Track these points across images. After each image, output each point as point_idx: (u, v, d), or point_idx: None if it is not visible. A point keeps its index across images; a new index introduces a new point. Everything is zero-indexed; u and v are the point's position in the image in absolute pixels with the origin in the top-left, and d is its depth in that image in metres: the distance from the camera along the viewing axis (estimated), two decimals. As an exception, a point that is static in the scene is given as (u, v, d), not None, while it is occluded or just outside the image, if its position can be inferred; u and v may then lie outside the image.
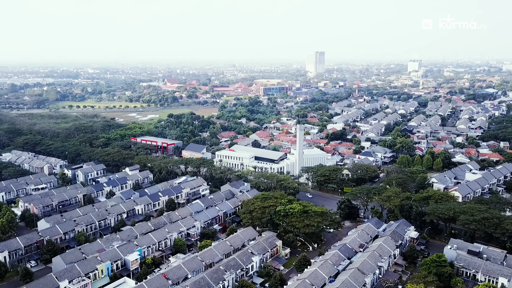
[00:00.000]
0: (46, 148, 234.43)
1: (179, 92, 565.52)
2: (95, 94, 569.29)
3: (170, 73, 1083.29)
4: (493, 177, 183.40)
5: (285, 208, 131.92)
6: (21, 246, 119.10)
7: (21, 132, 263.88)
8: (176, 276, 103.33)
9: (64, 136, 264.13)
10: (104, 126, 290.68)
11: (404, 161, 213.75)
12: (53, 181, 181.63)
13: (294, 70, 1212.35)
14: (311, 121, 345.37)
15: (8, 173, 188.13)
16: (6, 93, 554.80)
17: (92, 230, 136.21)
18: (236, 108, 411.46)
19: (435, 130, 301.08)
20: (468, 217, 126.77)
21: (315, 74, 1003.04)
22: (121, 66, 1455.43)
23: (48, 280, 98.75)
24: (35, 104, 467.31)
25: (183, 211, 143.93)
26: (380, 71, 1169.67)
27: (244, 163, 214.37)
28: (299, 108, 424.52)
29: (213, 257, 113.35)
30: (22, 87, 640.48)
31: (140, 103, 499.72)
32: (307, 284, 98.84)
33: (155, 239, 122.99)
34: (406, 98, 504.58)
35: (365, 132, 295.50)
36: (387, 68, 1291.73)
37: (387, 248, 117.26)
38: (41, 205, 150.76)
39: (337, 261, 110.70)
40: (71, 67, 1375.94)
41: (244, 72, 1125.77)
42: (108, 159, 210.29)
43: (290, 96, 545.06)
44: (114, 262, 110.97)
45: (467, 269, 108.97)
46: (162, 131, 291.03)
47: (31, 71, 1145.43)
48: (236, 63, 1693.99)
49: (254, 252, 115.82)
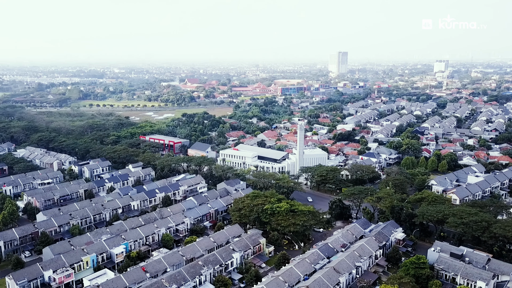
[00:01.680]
0: (59, 145, 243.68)
1: (198, 92, 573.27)
2: (116, 93, 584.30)
3: (193, 73, 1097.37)
4: (496, 180, 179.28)
5: (272, 207, 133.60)
6: (17, 237, 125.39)
7: (37, 129, 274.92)
8: (155, 269, 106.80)
9: (78, 134, 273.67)
10: (116, 125, 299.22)
11: (408, 163, 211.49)
12: (59, 176, 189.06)
13: (317, 70, 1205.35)
14: (323, 121, 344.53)
15: (19, 168, 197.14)
16: (32, 92, 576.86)
17: (87, 224, 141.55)
18: (250, 108, 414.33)
19: (447, 132, 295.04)
20: (456, 219, 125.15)
21: (337, 74, 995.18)
22: (147, 66, 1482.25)
23: (33, 269, 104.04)
24: (58, 102, 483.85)
25: (175, 208, 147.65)
26: (404, 71, 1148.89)
27: (246, 162, 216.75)
28: (313, 108, 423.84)
29: (194, 253, 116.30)
30: (48, 86, 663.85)
31: (158, 103, 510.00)
32: (280, 281, 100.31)
33: (143, 234, 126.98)
34: (425, 99, 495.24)
35: (375, 133, 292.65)
36: (413, 69, 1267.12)
37: (368, 248, 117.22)
38: (42, 199, 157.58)
39: (315, 260, 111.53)
40: (98, 66, 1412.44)
41: (266, 72, 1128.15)
42: (115, 156, 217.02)
43: (307, 96, 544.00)
44: (100, 254, 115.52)
45: (446, 272, 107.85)
46: (173, 130, 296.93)
47: (60, 70, 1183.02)
48: (260, 63, 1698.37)
49: (236, 248, 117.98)
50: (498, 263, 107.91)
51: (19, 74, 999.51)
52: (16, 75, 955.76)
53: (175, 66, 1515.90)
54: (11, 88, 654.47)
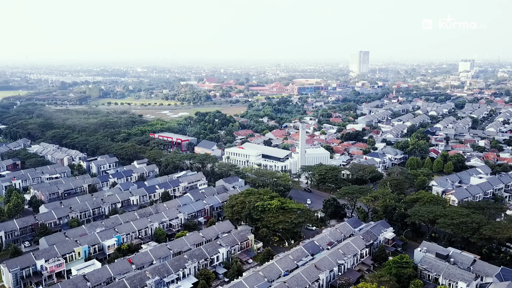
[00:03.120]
0: (71, 141, 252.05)
1: (214, 91, 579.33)
2: (134, 92, 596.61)
3: (213, 72, 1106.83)
4: (500, 182, 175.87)
5: (263, 204, 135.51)
6: (17, 227, 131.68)
7: (52, 126, 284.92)
8: (141, 261, 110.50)
9: (91, 131, 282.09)
10: (128, 122, 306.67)
11: (413, 163, 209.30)
12: (67, 171, 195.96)
13: (337, 70, 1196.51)
14: (334, 121, 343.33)
15: (30, 163, 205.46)
16: (55, 90, 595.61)
17: (86, 217, 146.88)
18: (263, 107, 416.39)
19: (460, 132, 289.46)
20: (446, 220, 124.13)
21: (358, 74, 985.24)
22: (169, 66, 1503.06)
23: (26, 258, 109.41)
24: (78, 100, 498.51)
25: (171, 203, 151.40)
26: (428, 71, 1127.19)
27: (250, 161, 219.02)
28: (327, 107, 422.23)
29: (182, 247, 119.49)
30: (71, 84, 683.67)
31: (174, 101, 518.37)
32: (260, 276, 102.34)
33: (135, 227, 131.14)
34: (443, 99, 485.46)
35: (385, 133, 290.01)
36: (438, 68, 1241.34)
37: (353, 246, 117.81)
38: (47, 192, 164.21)
39: (299, 257, 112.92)
40: (122, 66, 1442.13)
41: (286, 72, 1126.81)
42: (122, 153, 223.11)
43: (323, 96, 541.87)
44: (92, 246, 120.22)
45: (429, 272, 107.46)
46: (183, 128, 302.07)
47: (85, 69, 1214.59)
48: (281, 63, 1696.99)
49: (223, 244, 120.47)
50: (483, 264, 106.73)
51: (46, 73, 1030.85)
52: (43, 74, 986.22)
53: (197, 65, 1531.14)
54: (36, 86, 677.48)
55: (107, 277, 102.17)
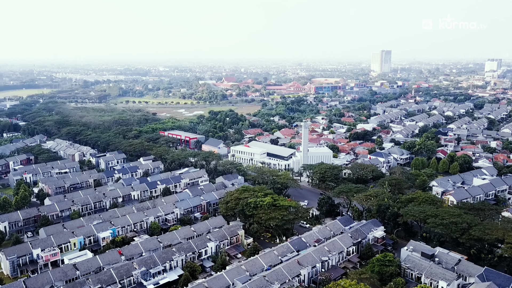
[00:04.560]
0: (84, 138, 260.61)
1: (231, 90, 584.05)
2: (153, 90, 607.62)
3: (234, 72, 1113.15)
4: (504, 184, 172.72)
5: (256, 201, 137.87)
6: (21, 218, 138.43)
7: (68, 123, 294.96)
8: (131, 253, 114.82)
9: (104, 128, 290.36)
10: (141, 120, 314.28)
11: (418, 164, 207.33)
12: (76, 166, 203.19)
13: (359, 69, 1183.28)
14: (346, 120, 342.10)
15: (42, 158, 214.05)
16: (77, 88, 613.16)
17: (87, 210, 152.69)
18: (276, 106, 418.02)
19: (473, 133, 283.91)
20: (436, 220, 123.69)
21: (379, 73, 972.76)
22: (191, 65, 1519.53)
23: (23, 247, 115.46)
24: (98, 99, 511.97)
25: (169, 198, 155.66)
26: (452, 71, 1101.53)
27: (254, 159, 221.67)
28: (342, 107, 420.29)
29: (172, 240, 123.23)
30: (93, 83, 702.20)
31: (191, 100, 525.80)
32: (242, 270, 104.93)
33: (131, 221, 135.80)
34: (462, 99, 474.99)
35: (395, 133, 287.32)
36: (463, 68, 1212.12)
37: (340, 244, 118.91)
38: (54, 186, 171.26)
39: (284, 253, 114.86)
40: (146, 65, 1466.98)
41: (307, 71, 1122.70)
42: (131, 149, 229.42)
43: (339, 95, 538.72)
44: (88, 237, 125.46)
45: (412, 271, 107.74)
46: (194, 126, 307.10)
47: (109, 68, 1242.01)
48: (303, 62, 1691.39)
49: (212, 238, 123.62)
50: (467, 265, 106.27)
51: (71, 72, 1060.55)
52: (68, 73, 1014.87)
53: (219, 65, 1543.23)
54: (60, 85, 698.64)
55: (96, 266, 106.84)
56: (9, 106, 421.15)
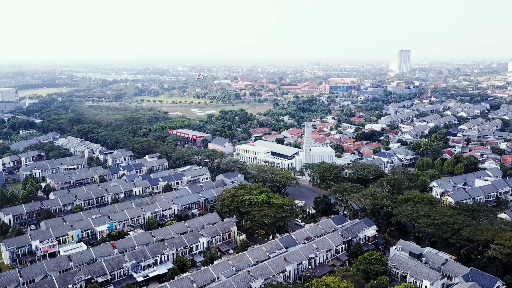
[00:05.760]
0: (95, 135, 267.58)
1: (245, 90, 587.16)
2: (168, 90, 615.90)
3: (251, 71, 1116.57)
4: (506, 185, 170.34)
5: (251, 198, 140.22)
6: (24, 212, 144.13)
7: (80, 121, 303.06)
8: (124, 246, 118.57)
9: (115, 126, 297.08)
10: (151, 118, 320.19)
11: (422, 164, 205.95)
12: (84, 163, 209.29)
13: (377, 69, 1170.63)
14: (356, 120, 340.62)
15: (53, 155, 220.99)
16: (95, 87, 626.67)
17: (89, 205, 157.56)
18: (288, 106, 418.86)
19: (484, 134, 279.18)
20: (427, 220, 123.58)
21: (397, 73, 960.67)
22: (210, 65, 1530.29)
23: (23, 238, 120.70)
24: (114, 97, 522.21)
25: (168, 195, 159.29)
26: (473, 71, 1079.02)
27: (258, 158, 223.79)
28: (354, 107, 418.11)
29: (165, 235, 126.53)
30: (111, 82, 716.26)
31: (205, 99, 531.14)
32: (228, 265, 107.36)
33: (128, 216, 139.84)
34: (479, 100, 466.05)
35: (404, 133, 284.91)
36: (485, 68, 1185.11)
37: (329, 242, 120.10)
38: (60, 181, 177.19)
39: (272, 249, 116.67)
40: (164, 64, 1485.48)
41: (325, 71, 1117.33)
42: (138, 147, 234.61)
43: (353, 95, 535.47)
44: (85, 230, 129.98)
45: (398, 269, 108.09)
46: (203, 125, 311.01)
47: (129, 68, 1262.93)
48: (322, 62, 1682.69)
49: (204, 234, 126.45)
50: (454, 265, 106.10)
51: (92, 71, 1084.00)
52: (88, 72, 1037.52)
53: (237, 65, 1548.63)
54: (79, 84, 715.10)
55: (89, 258, 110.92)
56: (28, 104, 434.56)
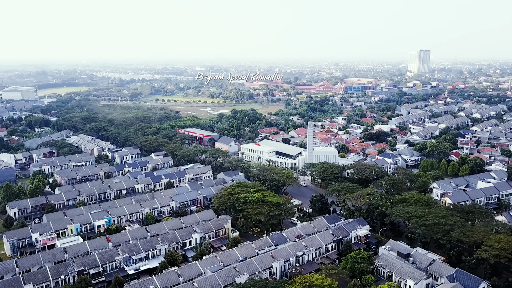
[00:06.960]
0: (106, 134, 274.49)
1: (259, 90, 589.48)
2: (184, 89, 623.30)
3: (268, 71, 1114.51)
4: (509, 188, 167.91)
5: (246, 196, 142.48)
6: (29, 206, 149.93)
7: (93, 119, 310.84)
8: (118, 240, 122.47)
9: (127, 125, 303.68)
10: (162, 117, 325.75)
11: (426, 165, 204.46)
12: (92, 160, 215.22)
13: (396, 70, 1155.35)
14: (366, 121, 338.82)
15: (63, 152, 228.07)
16: (113, 87, 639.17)
17: (92, 201, 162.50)
18: (299, 106, 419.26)
19: (495, 136, 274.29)
20: (418, 221, 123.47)
21: (416, 74, 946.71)
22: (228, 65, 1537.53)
23: (23, 231, 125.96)
24: (130, 97, 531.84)
25: (168, 192, 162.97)
26: (496, 71, 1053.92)
27: (262, 157, 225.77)
28: (366, 107, 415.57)
29: (159, 230, 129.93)
30: (128, 82, 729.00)
31: (218, 99, 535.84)
32: (216, 260, 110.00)
33: (127, 211, 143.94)
34: (496, 101, 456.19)
35: (413, 134, 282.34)
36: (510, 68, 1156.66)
37: (319, 240, 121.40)
38: (67, 177, 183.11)
39: (261, 246, 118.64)
40: (183, 64, 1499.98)
41: (342, 71, 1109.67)
42: (146, 145, 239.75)
43: (367, 96, 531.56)
44: (84, 224, 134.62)
45: (384, 269, 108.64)
46: (212, 125, 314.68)
47: (148, 68, 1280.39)
48: (341, 62, 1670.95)
49: (197, 230, 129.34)
50: (440, 265, 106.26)
51: (112, 71, 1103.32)
52: (108, 72, 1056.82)
53: (254, 65, 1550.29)
54: (98, 83, 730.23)
55: (84, 251, 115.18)
56: (46, 103, 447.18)
